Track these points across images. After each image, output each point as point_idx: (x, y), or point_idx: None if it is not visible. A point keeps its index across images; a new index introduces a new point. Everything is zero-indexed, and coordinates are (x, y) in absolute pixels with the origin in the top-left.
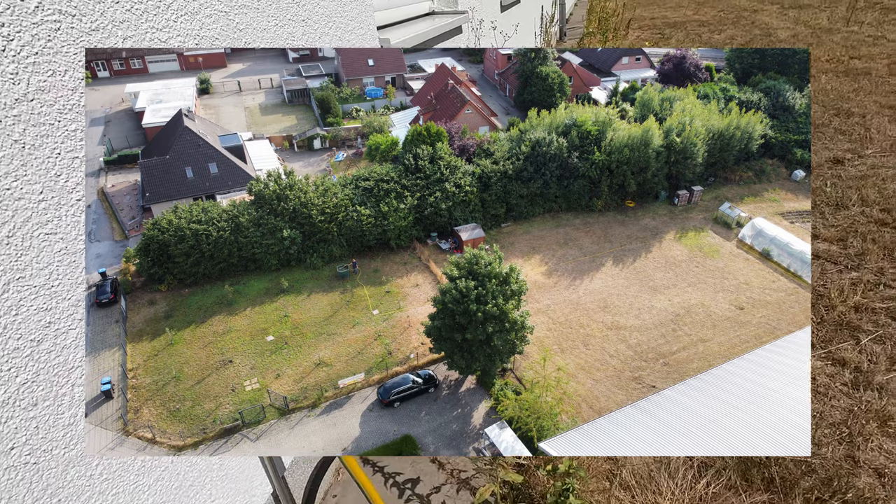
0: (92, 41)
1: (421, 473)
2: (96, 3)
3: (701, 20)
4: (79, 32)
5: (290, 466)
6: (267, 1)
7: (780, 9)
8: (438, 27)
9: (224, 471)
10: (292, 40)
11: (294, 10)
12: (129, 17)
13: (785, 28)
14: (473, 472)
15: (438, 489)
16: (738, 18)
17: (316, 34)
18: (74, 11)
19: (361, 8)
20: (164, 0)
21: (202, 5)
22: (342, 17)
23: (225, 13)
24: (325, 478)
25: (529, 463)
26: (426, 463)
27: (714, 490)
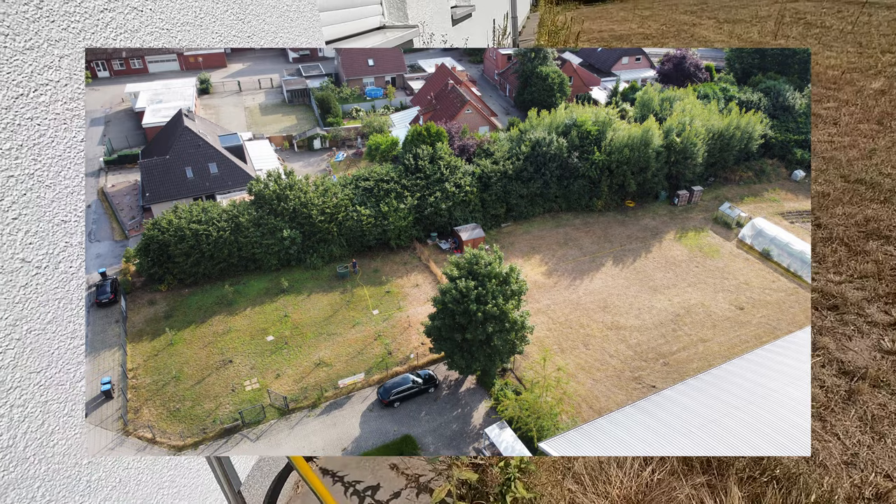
0: None
1: (381, 480)
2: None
3: (645, 33)
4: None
5: (246, 482)
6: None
7: (716, 23)
8: (389, 41)
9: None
10: (236, 41)
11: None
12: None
13: (721, 41)
14: (433, 476)
15: (398, 494)
16: (678, 32)
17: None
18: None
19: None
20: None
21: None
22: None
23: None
24: (283, 490)
25: (485, 461)
26: (385, 469)
27: (659, 477)
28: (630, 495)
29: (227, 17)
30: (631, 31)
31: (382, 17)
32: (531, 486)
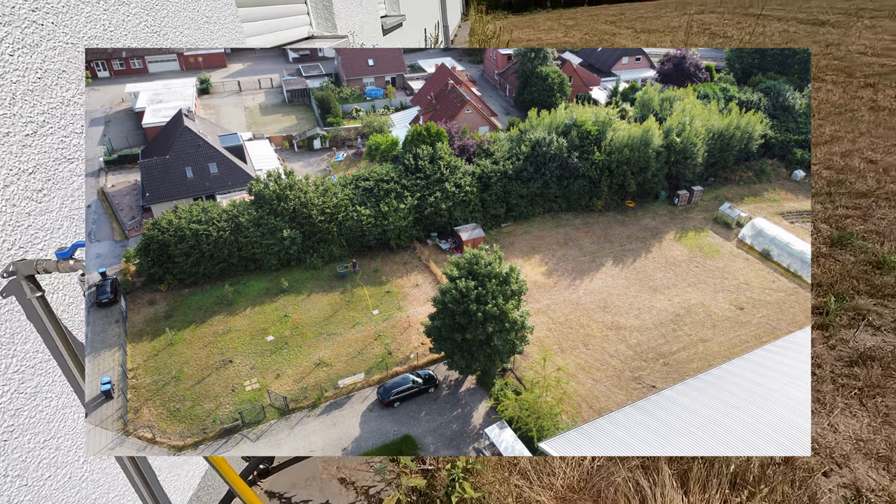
0: None
1: (330, 496)
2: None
3: (570, 41)
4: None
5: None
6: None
7: (634, 32)
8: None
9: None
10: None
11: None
12: None
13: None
14: (382, 486)
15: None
16: (600, 41)
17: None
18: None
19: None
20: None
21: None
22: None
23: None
24: None
25: (434, 466)
26: (334, 484)
27: (598, 463)
28: (573, 484)
29: (140, 28)
30: (557, 40)
31: (310, 27)
32: (479, 485)
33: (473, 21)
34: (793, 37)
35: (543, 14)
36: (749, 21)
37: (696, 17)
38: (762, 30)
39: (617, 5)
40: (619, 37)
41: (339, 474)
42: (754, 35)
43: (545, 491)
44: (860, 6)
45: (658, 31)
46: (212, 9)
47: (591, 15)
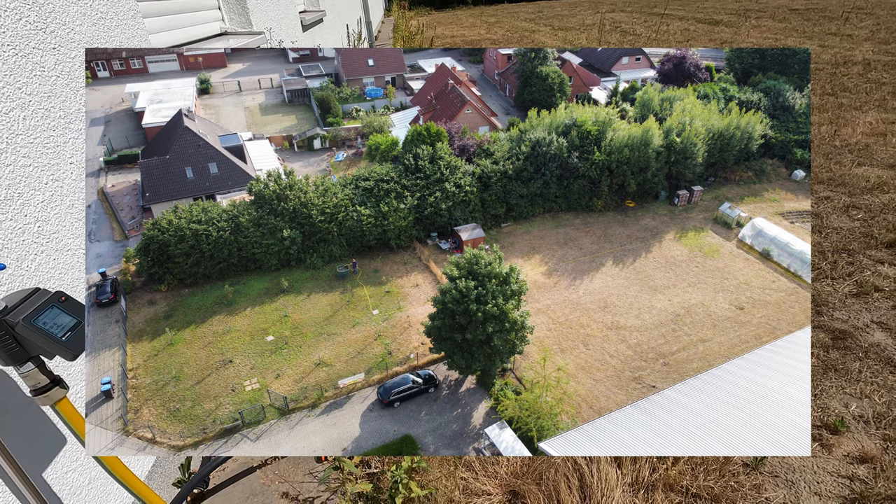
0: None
1: None
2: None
3: (492, 38)
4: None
5: None
6: None
7: (552, 30)
8: (232, 48)
9: None
10: (36, 53)
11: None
12: None
13: (555, 45)
14: (327, 495)
15: None
16: (521, 38)
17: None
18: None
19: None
20: None
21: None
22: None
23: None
24: None
25: (379, 469)
26: (277, 499)
27: None
28: (517, 470)
29: (22, 26)
30: (480, 37)
31: (223, 24)
32: (425, 482)
33: (396, 17)
34: (692, 34)
35: (465, 10)
36: (655, 20)
37: (608, 16)
38: (666, 28)
39: (535, 3)
40: (539, 34)
41: (282, 488)
42: (659, 33)
43: (490, 480)
44: (748, 7)
45: (574, 29)
46: (107, 4)
47: (511, 12)
